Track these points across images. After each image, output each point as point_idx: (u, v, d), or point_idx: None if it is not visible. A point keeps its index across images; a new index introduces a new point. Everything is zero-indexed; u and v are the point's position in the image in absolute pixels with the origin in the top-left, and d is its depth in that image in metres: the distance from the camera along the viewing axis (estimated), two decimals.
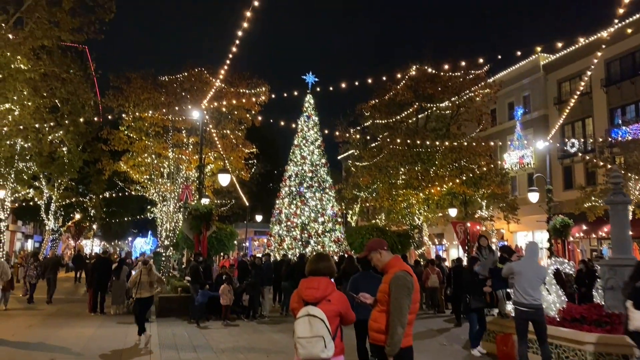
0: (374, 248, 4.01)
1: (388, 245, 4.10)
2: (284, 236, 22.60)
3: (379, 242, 4.12)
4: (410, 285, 3.67)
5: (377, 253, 3.97)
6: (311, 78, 24.34)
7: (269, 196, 35.55)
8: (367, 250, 4.05)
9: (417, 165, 24.31)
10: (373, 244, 4.09)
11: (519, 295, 6.52)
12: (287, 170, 24.09)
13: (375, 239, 4.23)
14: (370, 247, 4.05)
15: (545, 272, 6.85)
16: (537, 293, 6.56)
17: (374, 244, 4.10)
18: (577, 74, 32.27)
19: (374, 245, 4.07)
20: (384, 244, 4.07)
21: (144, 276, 10.01)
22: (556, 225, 16.72)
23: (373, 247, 4.04)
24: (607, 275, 7.88)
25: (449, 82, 24.48)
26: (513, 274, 6.69)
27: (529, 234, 35.32)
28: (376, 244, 4.08)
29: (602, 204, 24.23)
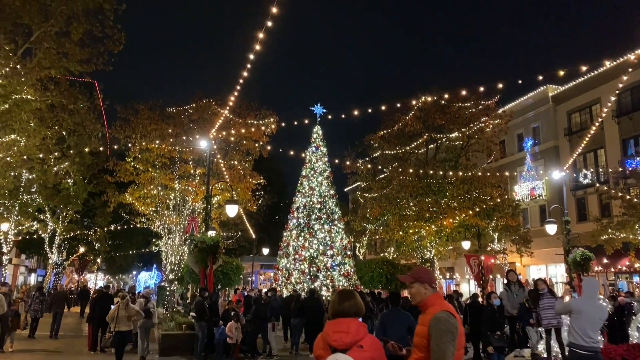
0: (422, 279, 3.38)
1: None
2: (291, 270, 21.95)
3: (429, 274, 3.49)
4: (454, 329, 3.12)
5: (422, 286, 3.36)
6: (319, 109, 24.18)
7: (276, 228, 35.01)
8: (413, 277, 3.40)
9: (428, 196, 23.78)
10: (423, 274, 3.45)
11: (578, 337, 5.89)
12: (295, 201, 23.64)
13: (424, 269, 3.59)
14: (418, 276, 3.41)
15: (606, 312, 6.22)
16: (597, 334, 5.94)
17: (424, 274, 3.45)
18: (587, 105, 32.02)
19: (423, 276, 3.42)
20: (434, 279, 3.48)
21: (122, 310, 10.53)
22: (576, 259, 15.97)
23: (422, 277, 3.40)
24: None
25: (458, 113, 24.20)
26: (571, 313, 6.07)
27: (541, 268, 34.40)
28: (426, 275, 3.44)
29: (619, 236, 23.58)
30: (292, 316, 13.54)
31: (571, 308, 6.12)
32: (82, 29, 15.66)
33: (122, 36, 17.58)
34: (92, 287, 48.09)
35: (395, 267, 25.00)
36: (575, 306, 6.09)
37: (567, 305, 6.31)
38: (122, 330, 10.72)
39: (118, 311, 10.72)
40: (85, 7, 15.51)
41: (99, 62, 17.31)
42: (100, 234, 32.94)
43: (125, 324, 10.77)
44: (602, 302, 6.91)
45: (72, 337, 17.29)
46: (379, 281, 24.39)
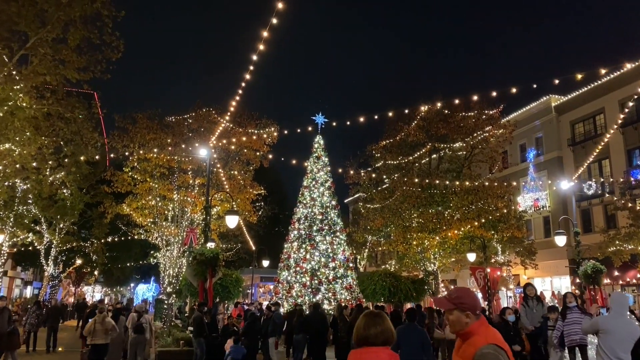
0: (465, 306, 2.79)
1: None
2: (292, 283, 21.41)
3: (473, 298, 2.87)
4: None
5: (463, 314, 2.78)
6: (321, 119, 23.82)
7: (277, 240, 34.45)
8: (453, 303, 2.82)
9: (432, 207, 23.32)
10: (466, 300, 2.83)
11: (606, 358, 5.40)
12: (296, 212, 23.17)
13: (466, 291, 2.94)
14: (459, 302, 2.81)
15: (638, 330, 5.71)
16: (628, 355, 5.42)
17: (466, 299, 2.83)
18: (590, 115, 31.73)
19: (466, 302, 2.80)
20: (478, 305, 2.89)
21: (98, 324, 10.73)
22: (587, 271, 15.51)
23: (464, 304, 2.80)
24: None
25: (462, 122, 23.84)
26: (599, 332, 5.58)
27: (546, 280, 33.86)
28: (469, 301, 2.82)
29: (627, 248, 23.11)
30: (294, 332, 13.00)
31: (599, 326, 5.63)
32: (79, 36, 15.30)
33: (120, 44, 17.23)
34: (90, 299, 47.37)
35: (398, 280, 24.46)
36: (603, 324, 5.60)
37: (594, 323, 5.81)
38: (98, 344, 10.88)
39: (95, 325, 10.97)
40: (83, 13, 15.16)
41: (96, 70, 16.95)
42: (97, 245, 32.37)
43: (101, 337, 10.96)
44: (632, 319, 6.41)
45: (68, 352, 16.80)
46: (382, 294, 23.82)
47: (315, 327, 11.56)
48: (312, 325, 11.65)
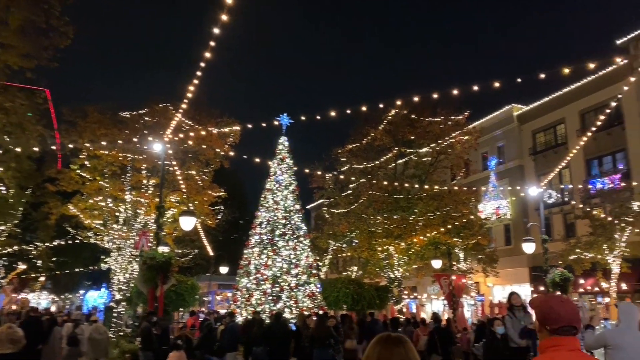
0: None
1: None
2: (252, 290, 20.32)
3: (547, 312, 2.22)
4: None
5: None
6: (286, 120, 22.90)
7: (237, 246, 33.17)
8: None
9: (397, 213, 22.80)
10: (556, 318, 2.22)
11: None
12: (257, 216, 22.10)
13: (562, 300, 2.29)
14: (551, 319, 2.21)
15: None
16: None
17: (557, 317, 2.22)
18: (551, 124, 32.21)
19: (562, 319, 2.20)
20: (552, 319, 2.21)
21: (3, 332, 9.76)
22: (555, 279, 15.24)
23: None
24: None
25: (428, 128, 23.52)
26: (607, 347, 4.91)
27: (506, 288, 34.05)
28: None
29: (587, 256, 23.27)
30: (253, 344, 11.97)
31: (606, 341, 4.99)
32: (21, 16, 13.96)
33: (70, 30, 15.95)
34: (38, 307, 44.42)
35: (361, 287, 23.82)
36: (611, 339, 4.95)
37: (600, 337, 5.17)
38: (5, 353, 9.87)
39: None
40: None
41: (42, 57, 15.62)
42: (42, 249, 30.23)
43: (6, 346, 9.95)
44: None
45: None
46: (345, 301, 23.14)
47: (278, 338, 10.63)
48: (274, 336, 10.71)
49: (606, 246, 22.43)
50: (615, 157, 28.04)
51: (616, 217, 21.93)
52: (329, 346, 9.49)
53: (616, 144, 27.39)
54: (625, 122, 26.98)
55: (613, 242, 22.26)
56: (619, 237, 22.14)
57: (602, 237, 22.57)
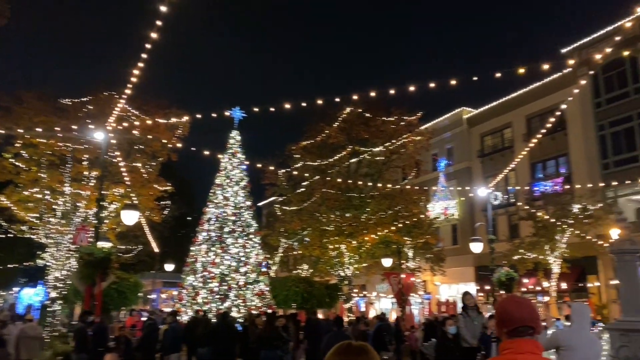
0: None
1: None
2: (198, 288, 19.64)
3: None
4: None
5: None
6: (238, 113, 22.29)
7: (183, 243, 32.13)
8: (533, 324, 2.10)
9: (349, 211, 22.73)
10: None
11: None
12: (206, 212, 21.39)
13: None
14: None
15: (601, 345, 5.02)
16: None
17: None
18: (499, 128, 33.20)
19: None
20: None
21: None
22: (501, 279, 15.56)
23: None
24: (620, 342, 6.30)
25: (382, 127, 23.59)
26: (559, 348, 4.82)
27: (452, 287, 34.83)
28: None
29: (530, 256, 24.07)
30: (198, 345, 11.43)
31: (559, 342, 4.91)
32: None
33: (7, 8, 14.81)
34: None
35: (312, 285, 23.60)
36: (564, 340, 4.88)
37: (553, 338, 5.10)
38: None
39: None
40: None
41: None
42: None
43: None
44: (594, 334, 5.81)
45: None
46: (295, 300, 22.85)
47: (224, 339, 10.16)
48: (220, 337, 10.23)
49: (548, 247, 23.27)
50: (558, 161, 29.21)
51: (558, 219, 22.75)
52: (278, 347, 9.15)
53: (559, 149, 28.50)
54: (568, 128, 28.11)
55: (554, 243, 23.12)
56: (559, 238, 23.01)
57: (544, 238, 23.39)
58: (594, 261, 24.71)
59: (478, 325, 7.12)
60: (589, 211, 22.25)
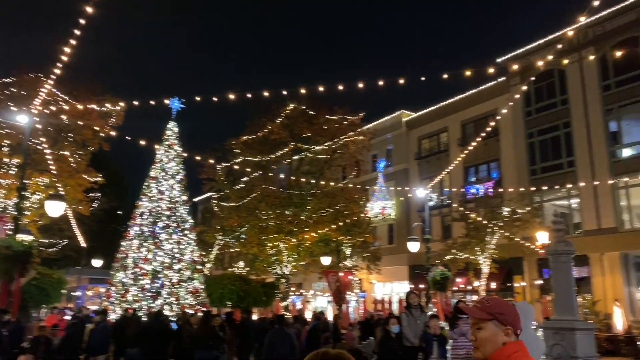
0: (505, 319, 2.06)
1: None
2: (129, 285, 18.67)
3: (515, 313, 2.10)
4: None
5: (502, 330, 2.02)
6: (177, 104, 21.42)
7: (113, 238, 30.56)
8: (490, 313, 2.04)
9: (290, 209, 22.51)
10: (506, 312, 2.08)
11: None
12: (139, 206, 20.38)
13: (505, 303, 2.14)
14: (498, 311, 2.06)
15: (543, 344, 5.07)
16: None
17: (507, 311, 2.08)
18: (436, 132, 34.24)
19: (507, 314, 2.07)
20: (520, 324, 2.10)
21: None
22: (436, 278, 15.93)
23: (505, 316, 2.05)
24: (552, 340, 6.51)
25: (325, 125, 23.55)
26: None
27: (387, 285, 35.55)
28: (511, 314, 2.08)
29: (462, 256, 24.94)
30: (127, 345, 10.76)
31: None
32: None
33: None
34: None
35: (248, 283, 23.21)
36: None
37: None
38: None
39: None
40: None
41: None
42: None
43: None
44: (537, 333, 5.92)
45: None
46: (230, 299, 22.39)
47: (156, 339, 9.62)
48: (152, 337, 9.68)
49: (478, 247, 24.18)
50: (490, 166, 30.51)
51: (489, 221, 23.69)
52: (214, 347, 8.77)
53: (491, 154, 29.75)
54: (500, 134, 29.39)
55: (484, 244, 24.07)
56: (489, 239, 23.99)
57: (475, 239, 24.30)
58: (520, 262, 25.99)
59: (420, 325, 7.13)
60: (518, 214, 23.33)
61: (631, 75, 23.18)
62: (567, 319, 6.61)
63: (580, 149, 24.79)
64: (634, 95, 23.17)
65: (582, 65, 25.05)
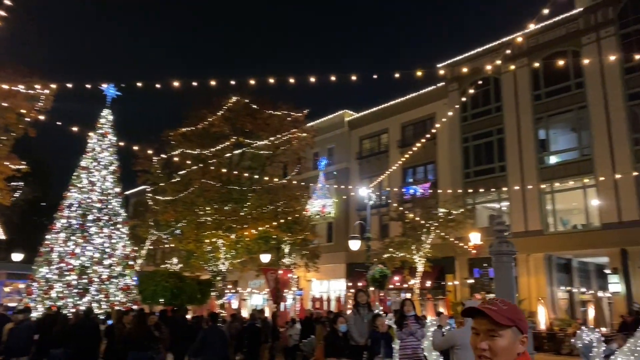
0: (523, 325, 1.77)
1: None
2: (53, 281, 17.48)
3: (525, 318, 1.83)
4: None
5: (518, 337, 1.73)
6: (112, 91, 20.32)
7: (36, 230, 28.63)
8: (511, 319, 1.72)
9: (229, 204, 21.98)
10: (522, 317, 1.79)
11: None
12: (67, 197, 19.12)
13: (516, 306, 1.85)
14: (517, 317, 1.75)
15: None
16: None
17: (522, 317, 1.79)
18: (377, 133, 34.80)
19: (523, 320, 1.79)
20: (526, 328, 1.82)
21: None
22: (375, 276, 16.12)
23: (522, 322, 1.78)
24: None
25: (269, 120, 23.21)
26: (455, 347, 4.81)
27: (324, 283, 35.74)
28: (524, 320, 1.80)
29: (399, 255, 25.48)
30: (50, 345, 9.97)
31: (455, 341, 4.96)
32: None
33: None
34: None
35: (182, 280, 22.49)
36: (460, 338, 4.93)
37: (449, 337, 5.15)
38: None
39: None
40: None
41: None
42: None
43: None
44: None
45: None
46: (163, 296, 21.60)
47: (85, 339, 8.99)
48: (81, 337, 9.04)
49: (414, 247, 24.80)
50: (426, 168, 31.41)
51: (426, 221, 24.35)
52: (149, 348, 8.31)
53: (428, 157, 30.62)
54: (437, 138, 30.32)
55: (420, 243, 24.73)
56: (425, 239, 24.67)
57: (412, 238, 24.91)
58: (452, 261, 26.94)
59: (367, 323, 7.08)
60: (452, 215, 24.14)
61: (559, 87, 24.65)
62: None
63: (511, 155, 26.03)
64: (562, 106, 24.65)
65: (516, 74, 26.33)
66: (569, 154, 24.76)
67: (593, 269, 26.16)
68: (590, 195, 23.26)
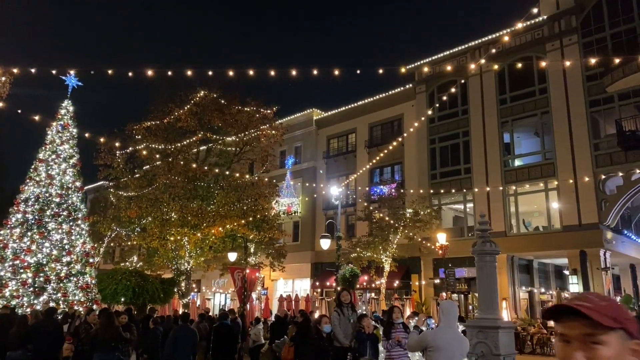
0: (633, 331, 1.29)
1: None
2: (6, 279, 16.54)
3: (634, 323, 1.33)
4: None
5: (629, 347, 1.26)
6: (74, 80, 19.48)
7: None
8: (617, 321, 1.26)
9: (195, 201, 21.40)
10: (631, 317, 1.32)
11: None
12: (23, 191, 18.16)
13: (619, 303, 1.41)
14: (627, 317, 1.29)
15: (467, 344, 5.00)
16: None
17: (631, 316, 1.34)
18: (344, 132, 34.78)
19: (632, 321, 1.31)
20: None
21: None
22: (346, 275, 16.01)
23: (632, 324, 1.30)
24: (476, 339, 6.61)
25: (237, 116, 22.73)
26: (428, 349, 4.66)
27: (289, 282, 35.46)
28: (636, 325, 1.31)
29: (366, 254, 25.50)
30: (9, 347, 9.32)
31: (428, 343, 4.82)
32: None
33: None
34: None
35: (145, 279, 21.80)
36: (432, 340, 4.79)
37: (422, 339, 5.00)
38: None
39: None
40: None
41: None
42: None
43: None
44: (461, 332, 5.88)
45: None
46: (125, 294, 20.85)
47: (47, 340, 8.44)
48: (42, 338, 8.47)
49: (381, 246, 24.88)
50: (394, 168, 31.61)
51: (396, 221, 24.46)
52: (117, 349, 7.87)
53: (395, 157, 30.81)
54: (404, 138, 30.58)
55: (387, 243, 24.83)
56: (392, 238, 24.78)
57: (379, 238, 24.98)
58: (418, 261, 27.20)
59: (353, 324, 6.88)
60: (419, 215, 24.34)
61: (524, 91, 25.27)
62: (491, 317, 6.80)
63: (476, 157, 26.50)
64: (525, 110, 25.28)
65: (482, 78, 26.84)
66: (532, 158, 25.41)
67: (552, 270, 26.98)
68: (552, 198, 23.93)
